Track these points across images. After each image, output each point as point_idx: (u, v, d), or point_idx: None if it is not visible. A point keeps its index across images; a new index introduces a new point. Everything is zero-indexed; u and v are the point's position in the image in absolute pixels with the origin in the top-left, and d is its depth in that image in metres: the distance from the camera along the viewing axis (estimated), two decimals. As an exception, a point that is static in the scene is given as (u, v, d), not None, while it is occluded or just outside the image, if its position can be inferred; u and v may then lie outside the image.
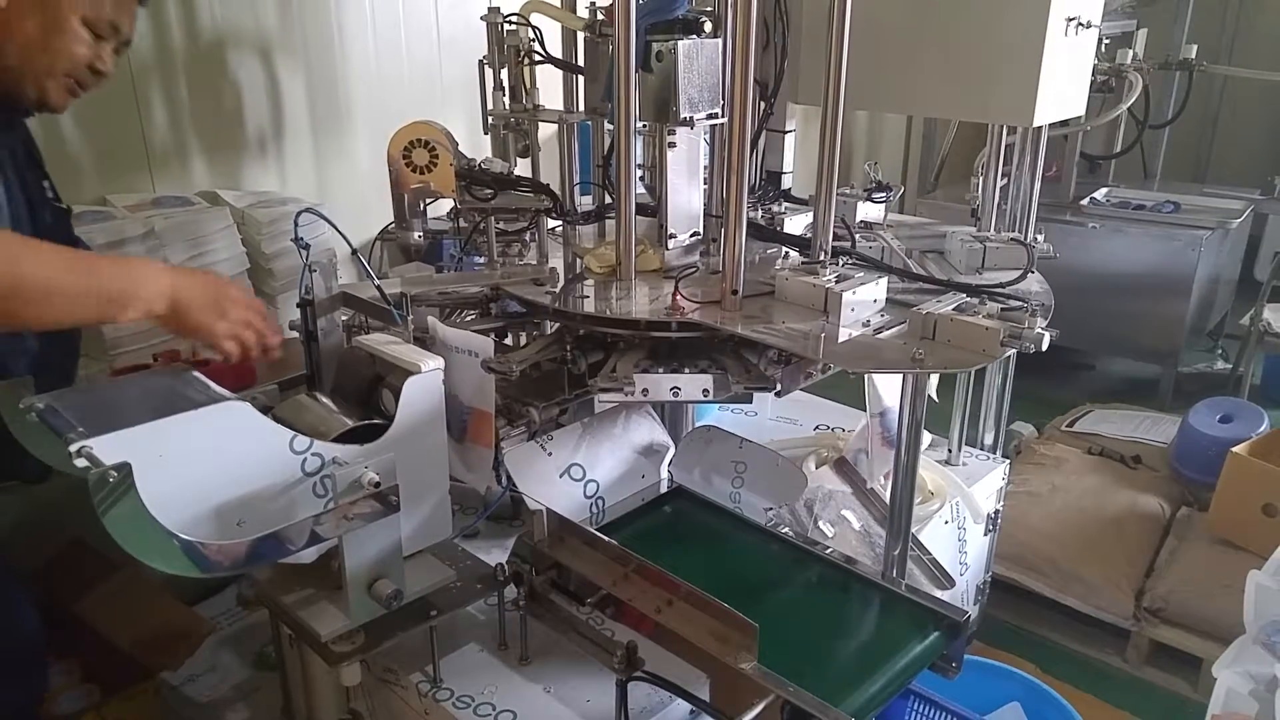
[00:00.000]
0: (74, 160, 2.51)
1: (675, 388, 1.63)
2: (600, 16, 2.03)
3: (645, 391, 1.63)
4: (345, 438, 1.36)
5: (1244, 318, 4.15)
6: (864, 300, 1.67)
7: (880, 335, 1.61)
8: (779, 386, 1.67)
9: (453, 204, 1.96)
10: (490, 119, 2.18)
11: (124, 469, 1.08)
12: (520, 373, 1.64)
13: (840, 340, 1.59)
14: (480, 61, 2.13)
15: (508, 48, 2.09)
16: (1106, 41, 3.97)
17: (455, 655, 1.59)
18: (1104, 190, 4.71)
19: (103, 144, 2.55)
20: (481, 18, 2.10)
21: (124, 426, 1.16)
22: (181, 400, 1.32)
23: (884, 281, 1.71)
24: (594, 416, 1.91)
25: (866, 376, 2.08)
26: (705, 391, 1.64)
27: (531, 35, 2.09)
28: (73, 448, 1.09)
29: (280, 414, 1.40)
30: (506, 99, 2.14)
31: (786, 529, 1.82)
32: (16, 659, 1.75)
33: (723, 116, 1.78)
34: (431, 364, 1.42)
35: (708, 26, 1.82)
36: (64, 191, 1.79)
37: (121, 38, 1.66)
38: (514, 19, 2.05)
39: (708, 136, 1.95)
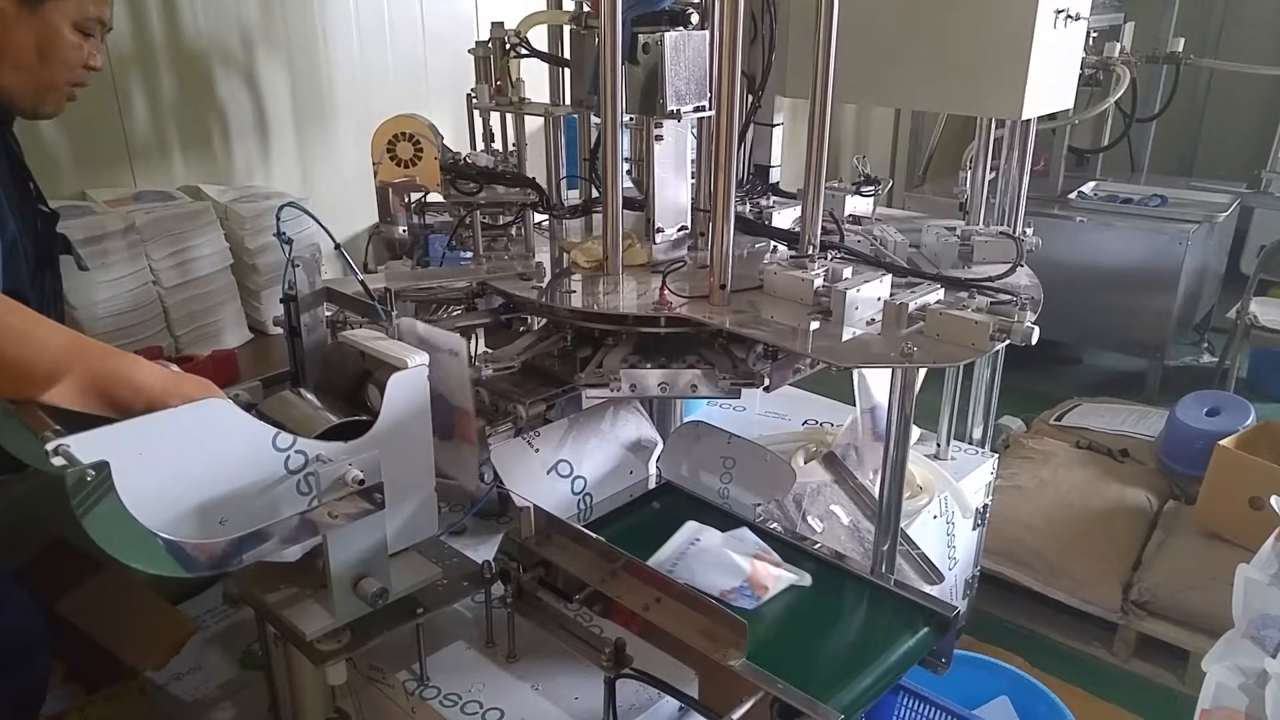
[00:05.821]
0: (52, 155, 2.47)
1: (663, 383, 1.62)
2: (586, 9, 2.01)
3: (633, 387, 1.62)
4: (329, 435, 1.34)
5: (1230, 311, 4.17)
6: (868, 298, 1.65)
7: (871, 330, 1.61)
8: (767, 381, 1.67)
9: (421, 199, 1.93)
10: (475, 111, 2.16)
11: (102, 468, 1.06)
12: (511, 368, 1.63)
13: (844, 339, 1.58)
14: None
15: (494, 40, 2.07)
16: (1094, 34, 3.97)
17: (442, 653, 1.58)
18: (1091, 184, 4.71)
19: (82, 138, 2.52)
20: (469, 51, 2.06)
21: (103, 424, 1.13)
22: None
23: (888, 279, 1.70)
24: (581, 412, 1.90)
25: (856, 371, 2.07)
26: (693, 387, 1.63)
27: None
28: (49, 446, 1.06)
29: (264, 411, 1.39)
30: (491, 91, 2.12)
31: (775, 524, 1.82)
32: (8, 653, 1.73)
33: (710, 109, 1.77)
34: (417, 359, 1.41)
35: (694, 18, 1.82)
36: (42, 186, 1.76)
37: (106, 28, 1.65)
38: (512, 37, 2.01)
39: (695, 130, 1.93)
